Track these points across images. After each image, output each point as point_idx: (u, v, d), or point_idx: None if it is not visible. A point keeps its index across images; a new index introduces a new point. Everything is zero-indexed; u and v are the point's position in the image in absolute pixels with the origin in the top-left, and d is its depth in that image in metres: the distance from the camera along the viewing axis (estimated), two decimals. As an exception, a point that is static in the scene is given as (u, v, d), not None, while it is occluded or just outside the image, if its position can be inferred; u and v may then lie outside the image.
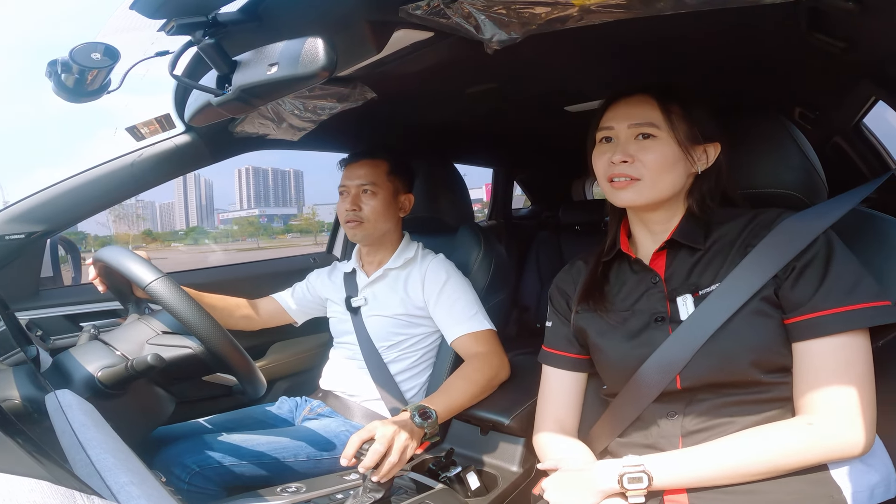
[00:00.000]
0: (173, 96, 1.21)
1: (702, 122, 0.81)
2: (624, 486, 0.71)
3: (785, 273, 0.73)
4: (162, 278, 0.86)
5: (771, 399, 0.73)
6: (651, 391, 0.78)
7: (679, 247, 0.83)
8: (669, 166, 0.79)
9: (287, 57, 0.69)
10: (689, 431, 0.76)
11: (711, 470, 0.70)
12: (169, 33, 0.74)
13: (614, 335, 0.84)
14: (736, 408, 0.74)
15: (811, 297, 0.70)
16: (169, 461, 1.03)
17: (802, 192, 0.89)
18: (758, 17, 0.82)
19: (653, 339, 0.79)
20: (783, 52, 1.04)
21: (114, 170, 1.24)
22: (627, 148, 0.81)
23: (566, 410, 0.93)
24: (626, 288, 0.86)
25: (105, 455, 0.44)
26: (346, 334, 1.36)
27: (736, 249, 0.78)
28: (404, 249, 1.35)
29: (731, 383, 0.74)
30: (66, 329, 1.28)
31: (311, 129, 1.21)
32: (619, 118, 0.82)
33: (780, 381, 0.73)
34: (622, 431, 0.83)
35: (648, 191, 0.80)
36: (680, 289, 0.80)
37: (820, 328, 0.69)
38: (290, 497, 0.90)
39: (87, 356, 0.85)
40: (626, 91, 0.85)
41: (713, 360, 0.74)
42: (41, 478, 0.31)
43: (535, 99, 1.40)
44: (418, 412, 1.00)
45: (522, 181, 3.13)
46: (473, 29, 0.72)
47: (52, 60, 0.80)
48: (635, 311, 0.83)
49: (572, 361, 0.93)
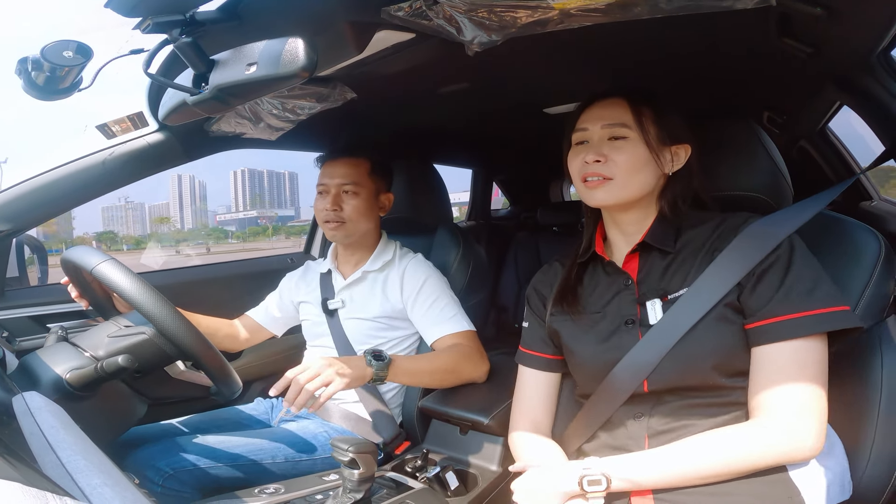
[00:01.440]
0: (147, 94, 1.18)
1: (672, 125, 0.84)
2: (584, 488, 0.72)
3: (747, 279, 0.74)
4: (156, 297, 0.84)
5: (731, 402, 0.75)
6: (621, 394, 0.80)
7: (651, 249, 0.84)
8: (640, 167, 0.81)
9: (266, 57, 0.69)
10: (654, 432, 0.78)
11: (670, 472, 0.71)
12: (145, 31, 0.72)
13: (586, 338, 0.85)
14: (698, 410, 0.76)
15: (768, 302, 0.72)
16: (141, 464, 1.00)
17: (769, 195, 0.92)
18: (730, 22, 0.85)
19: (622, 342, 0.80)
20: (754, 56, 1.07)
21: (83, 168, 1.20)
22: (601, 148, 0.83)
23: (540, 410, 0.94)
24: (599, 290, 0.88)
25: (76, 457, 0.43)
26: (322, 336, 1.34)
27: (704, 254, 0.80)
28: (382, 251, 1.34)
29: (694, 387, 0.76)
30: (33, 330, 1.24)
31: (290, 128, 1.20)
32: (592, 119, 0.84)
33: (740, 385, 0.75)
34: (593, 433, 0.85)
35: (619, 190, 0.82)
36: (649, 293, 0.81)
37: (775, 333, 0.71)
38: (268, 498, 0.89)
39: (55, 358, 0.83)
40: (601, 94, 0.87)
41: (678, 364, 0.75)
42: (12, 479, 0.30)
43: (514, 101, 1.42)
44: (371, 353, 1.04)
45: (501, 182, 3.15)
46: (455, 31, 0.73)
47: (23, 58, 0.79)
48: (606, 313, 0.84)
49: (547, 362, 0.94)
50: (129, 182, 1.28)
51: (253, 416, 1.34)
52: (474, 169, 2.76)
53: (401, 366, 1.07)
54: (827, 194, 0.84)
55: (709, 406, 0.76)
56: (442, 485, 0.97)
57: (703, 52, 1.07)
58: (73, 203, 1.22)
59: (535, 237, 2.56)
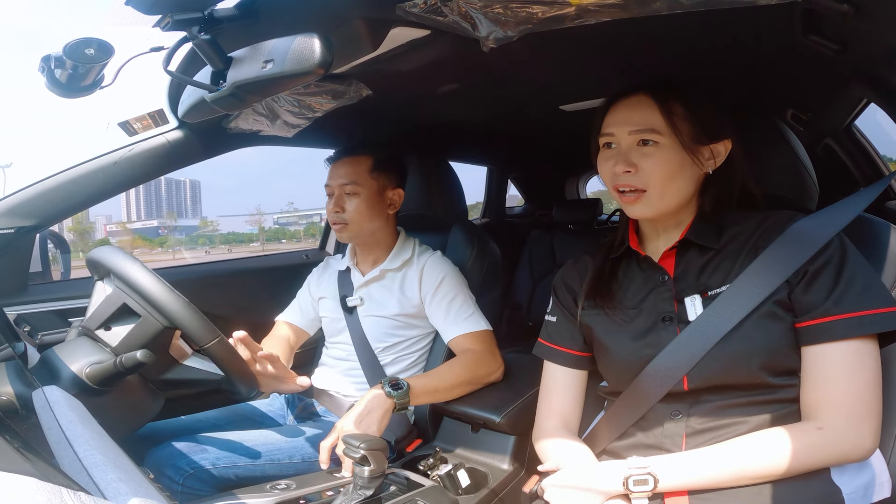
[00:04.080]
0: (167, 92, 1.20)
1: (708, 120, 0.79)
2: (629, 487, 0.71)
3: (797, 277, 0.72)
4: (179, 297, 0.86)
5: (775, 401, 0.74)
6: (656, 391, 0.78)
7: (690, 246, 0.82)
8: (675, 173, 0.78)
9: (283, 54, 0.69)
10: (693, 431, 0.76)
11: (717, 472, 0.70)
12: (164, 29, 0.73)
13: (621, 334, 0.83)
14: (740, 409, 0.74)
15: (823, 302, 0.70)
16: (161, 463, 1.02)
17: (793, 193, 0.90)
18: (752, 18, 0.83)
19: (659, 339, 0.78)
20: (777, 53, 1.04)
21: (105, 165, 1.23)
22: (629, 156, 0.78)
23: (569, 408, 0.91)
24: (634, 286, 0.85)
25: (92, 452, 0.44)
26: (340, 333, 1.34)
27: (747, 251, 0.78)
28: (401, 249, 1.33)
29: (738, 385, 0.74)
30: (55, 324, 1.27)
31: (306, 125, 1.21)
32: (618, 123, 0.80)
33: (786, 383, 0.73)
34: (623, 431, 0.83)
35: (657, 202, 0.79)
36: (688, 289, 0.79)
37: (832, 332, 0.69)
38: (279, 494, 0.90)
39: (75, 352, 0.84)
40: (625, 91, 0.82)
41: (722, 363, 0.74)
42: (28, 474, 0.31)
43: (530, 97, 1.40)
44: (389, 382, 1.06)
45: (517, 179, 3.13)
46: (470, 27, 0.72)
47: (46, 56, 0.80)
48: (642, 309, 0.82)
49: (576, 359, 0.91)
50: (149, 179, 1.30)
51: (268, 413, 1.35)
52: (489, 166, 2.75)
53: (419, 388, 1.08)
54: (867, 193, 0.81)
55: (752, 405, 0.74)
56: (453, 483, 0.97)
57: (724, 49, 1.04)
58: (96, 199, 1.25)
59: (549, 235, 2.54)
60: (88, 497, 0.32)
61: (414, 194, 1.43)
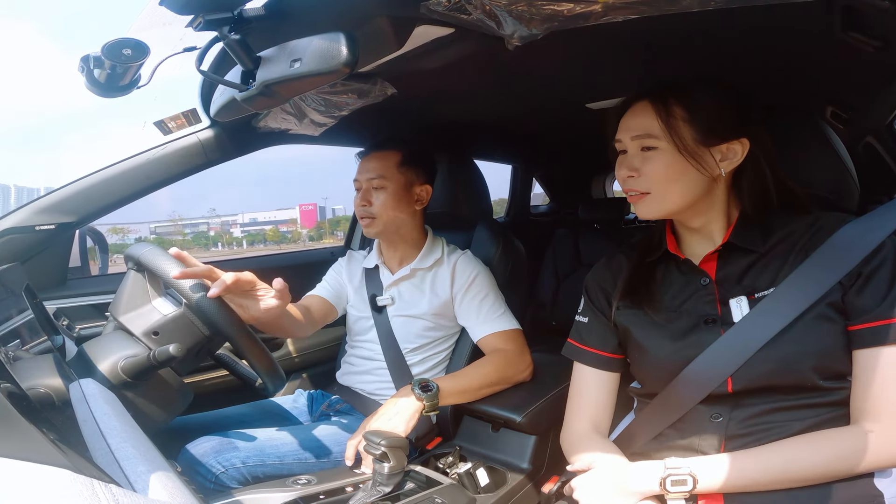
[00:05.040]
0: (199, 91, 1.23)
1: (716, 120, 0.78)
2: (666, 488, 0.70)
3: (850, 279, 0.71)
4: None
5: (823, 404, 0.72)
6: (696, 393, 0.77)
7: (733, 249, 0.81)
8: (675, 176, 0.78)
9: (309, 53, 0.70)
10: (733, 435, 0.75)
11: (759, 474, 0.69)
12: (196, 29, 0.75)
13: (660, 334, 0.82)
14: (784, 413, 0.73)
15: (878, 305, 0.69)
16: (194, 460, 1.03)
17: (834, 193, 0.87)
18: (788, 14, 0.80)
19: (702, 340, 0.77)
20: (815, 50, 1.00)
21: (141, 163, 1.27)
22: (633, 161, 0.81)
23: (599, 410, 0.90)
24: (674, 289, 0.84)
25: (125, 444, 0.45)
26: (367, 332, 1.33)
27: (797, 253, 0.76)
28: (431, 249, 1.32)
29: (786, 388, 0.73)
30: (93, 318, 1.31)
31: (332, 124, 1.22)
32: (623, 129, 0.82)
33: (835, 386, 0.72)
34: (658, 433, 0.82)
35: (658, 203, 0.79)
36: (733, 291, 0.78)
37: (886, 336, 0.68)
38: (301, 489, 0.91)
39: (110, 346, 0.87)
40: (629, 99, 0.83)
41: (770, 364, 0.73)
42: (62, 466, 0.32)
43: (555, 96, 1.39)
44: (419, 384, 1.05)
45: (541, 178, 3.10)
46: (494, 25, 0.72)
47: (85, 56, 0.82)
48: (682, 312, 0.81)
49: (608, 361, 0.90)
50: (182, 177, 1.34)
51: (293, 409, 1.36)
52: (514, 164, 2.73)
53: (448, 389, 1.08)
54: None
55: (798, 408, 0.73)
56: (471, 481, 0.97)
57: (758, 47, 1.01)
58: (133, 197, 1.29)
59: (574, 234, 2.51)
60: (119, 489, 0.34)
61: (439, 192, 1.43)
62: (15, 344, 0.69)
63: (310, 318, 1.25)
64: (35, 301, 0.90)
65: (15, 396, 0.43)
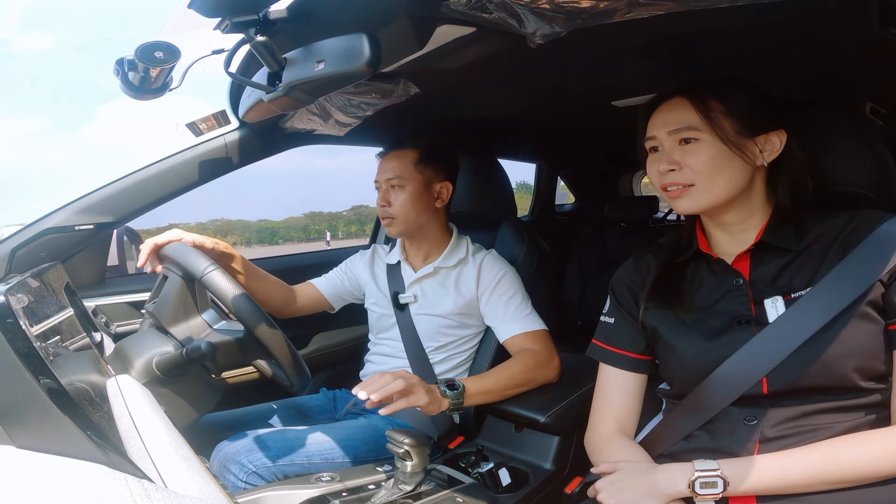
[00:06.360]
0: (228, 93, 1.25)
1: (751, 113, 0.77)
2: (695, 490, 0.69)
3: (890, 277, 0.69)
4: (216, 270, 0.91)
5: (860, 406, 0.71)
6: (728, 395, 0.75)
7: (767, 248, 0.79)
8: (721, 166, 0.76)
9: (333, 54, 0.71)
10: (767, 438, 0.73)
11: (795, 476, 0.67)
12: (224, 31, 0.76)
13: (691, 334, 0.80)
14: (822, 415, 0.71)
15: None
16: (227, 459, 1.05)
17: (874, 190, 0.84)
18: (824, 9, 0.77)
19: (735, 340, 0.76)
20: (852, 46, 0.97)
21: (175, 164, 1.29)
22: (672, 155, 0.78)
23: (625, 412, 0.89)
24: (705, 289, 0.82)
25: (158, 440, 0.47)
26: (389, 329, 1.34)
27: (834, 251, 0.74)
28: (455, 248, 1.31)
29: (825, 389, 0.71)
30: (130, 316, 1.35)
31: (357, 124, 1.23)
32: (658, 126, 0.80)
33: (876, 387, 0.70)
34: (686, 435, 0.80)
35: (704, 195, 0.77)
36: (768, 291, 0.76)
37: None
38: (324, 486, 0.93)
39: (145, 343, 0.90)
40: (661, 96, 0.82)
41: (809, 364, 0.71)
42: (99, 462, 0.33)
43: (579, 93, 1.36)
44: (445, 383, 1.04)
45: (566, 176, 3.07)
46: (516, 23, 0.71)
47: (119, 59, 0.84)
48: (714, 312, 0.80)
49: (635, 362, 0.89)
50: (214, 177, 1.35)
51: (318, 407, 1.37)
52: (538, 163, 2.70)
53: (473, 389, 1.07)
54: None
55: (835, 410, 0.71)
56: (493, 481, 0.97)
57: (791, 42, 0.97)
58: (168, 197, 1.31)
59: (601, 233, 2.47)
60: (151, 485, 0.35)
61: (462, 191, 1.42)
62: (55, 340, 0.72)
63: (288, 298, 1.33)
64: (74, 299, 0.94)
65: (55, 392, 0.45)
